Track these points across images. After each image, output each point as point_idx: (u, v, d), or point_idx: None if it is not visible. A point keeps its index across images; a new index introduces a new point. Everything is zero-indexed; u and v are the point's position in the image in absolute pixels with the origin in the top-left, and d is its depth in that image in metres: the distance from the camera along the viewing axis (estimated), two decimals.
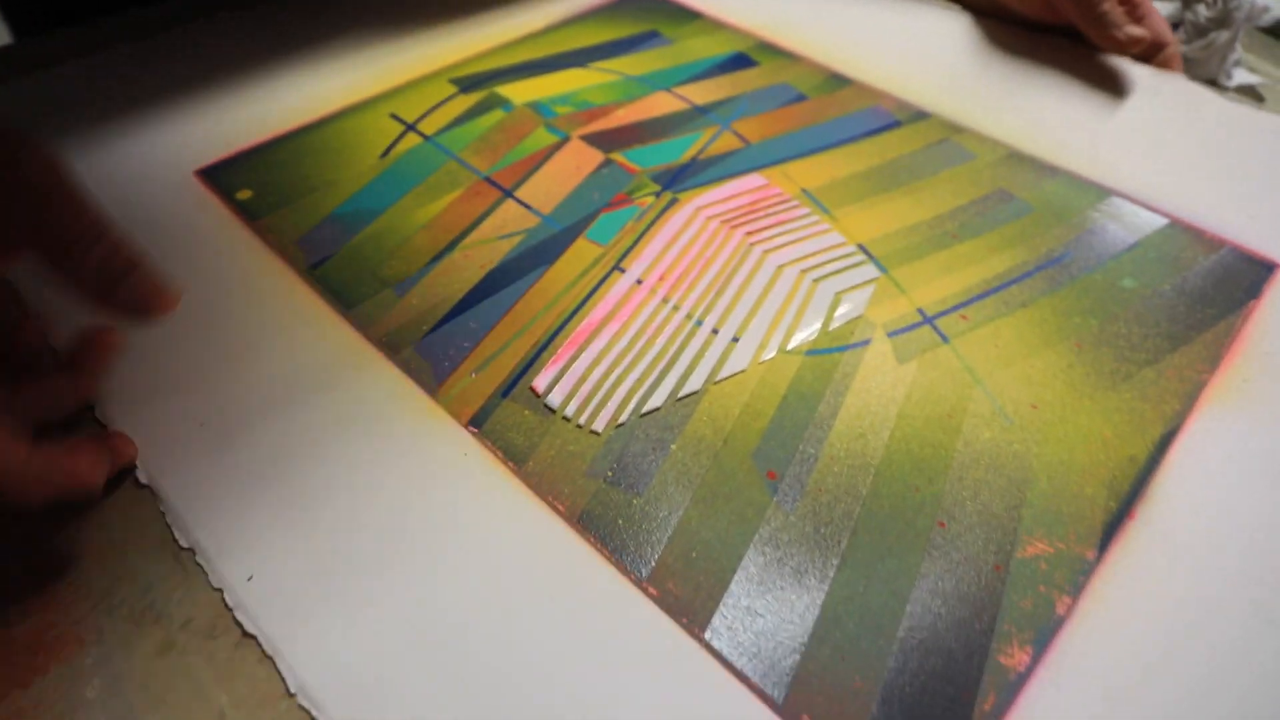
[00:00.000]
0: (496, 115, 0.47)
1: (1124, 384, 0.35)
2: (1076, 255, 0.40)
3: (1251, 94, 0.52)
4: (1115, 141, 0.47)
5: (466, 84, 0.49)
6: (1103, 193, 0.44)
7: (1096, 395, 0.34)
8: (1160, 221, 0.42)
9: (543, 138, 0.45)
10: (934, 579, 0.28)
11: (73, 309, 0.29)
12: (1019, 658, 0.26)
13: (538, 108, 0.47)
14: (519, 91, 0.49)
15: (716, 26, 0.55)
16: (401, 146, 0.45)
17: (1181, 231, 0.41)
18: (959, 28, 0.55)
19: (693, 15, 0.56)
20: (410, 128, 0.46)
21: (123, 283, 0.28)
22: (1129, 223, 0.42)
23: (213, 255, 0.39)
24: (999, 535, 0.29)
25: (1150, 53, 0.51)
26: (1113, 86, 0.50)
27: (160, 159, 0.44)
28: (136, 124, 0.47)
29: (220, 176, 0.43)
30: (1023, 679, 0.26)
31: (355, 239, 0.40)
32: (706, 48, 0.53)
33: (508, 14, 0.56)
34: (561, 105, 0.48)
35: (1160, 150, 0.46)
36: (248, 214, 0.41)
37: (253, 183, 0.43)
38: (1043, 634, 0.27)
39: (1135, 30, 0.49)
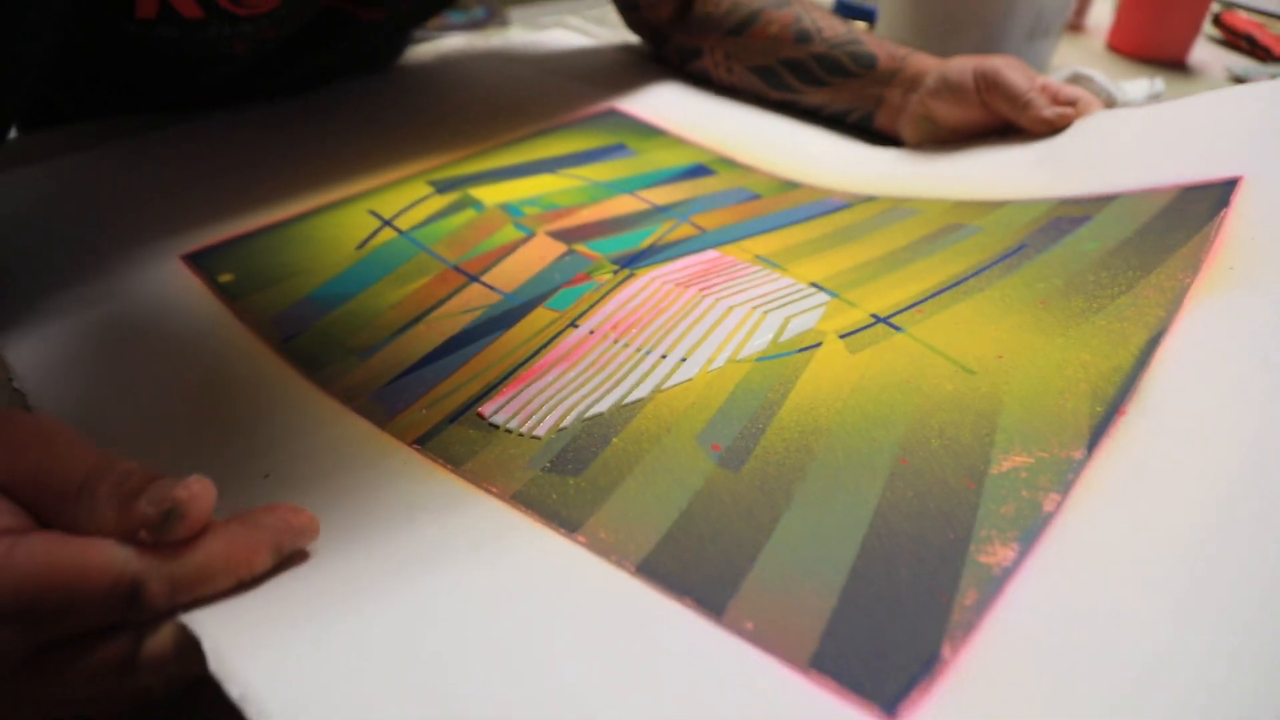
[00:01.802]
0: (469, 214, 0.50)
1: (1098, 315, 0.35)
2: (1033, 243, 0.42)
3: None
4: (1051, 165, 0.50)
5: (442, 185, 0.53)
6: (1050, 203, 0.46)
7: (1069, 331, 0.34)
8: (1111, 197, 0.44)
9: (510, 233, 0.48)
10: (897, 505, 0.27)
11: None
12: (1002, 554, 0.25)
13: (507, 208, 0.51)
14: (491, 193, 0.52)
15: (678, 142, 0.60)
16: (377, 240, 0.48)
17: (1134, 196, 0.43)
18: (900, 149, 0.60)
19: (657, 131, 0.61)
20: (387, 223, 0.49)
21: (144, 498, 0.24)
22: (1081, 208, 0.44)
23: (192, 330, 0.41)
24: (970, 459, 0.29)
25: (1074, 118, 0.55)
26: (1043, 140, 0.54)
27: (149, 244, 0.47)
28: (129, 213, 0.50)
29: (205, 261, 0.46)
30: (1008, 573, 0.24)
31: (327, 318, 0.42)
32: (668, 159, 0.57)
33: (485, 125, 0.60)
34: (530, 206, 0.51)
35: (1094, 153, 0.49)
36: (228, 295, 0.43)
37: (235, 267, 0.45)
38: (1030, 532, 0.26)
39: (1059, 109, 0.54)
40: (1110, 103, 0.60)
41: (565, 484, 0.30)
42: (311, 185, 0.53)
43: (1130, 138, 0.50)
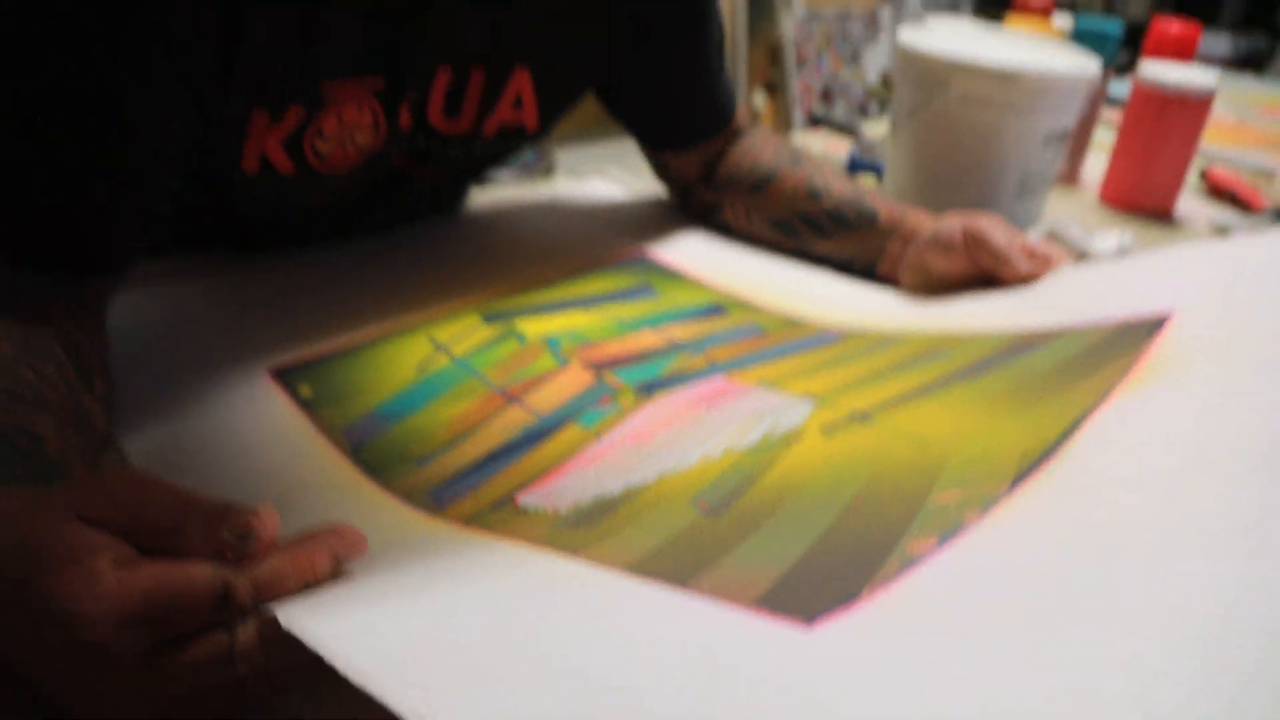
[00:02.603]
0: (513, 344, 0.58)
1: (1038, 405, 0.42)
2: (994, 362, 0.50)
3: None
4: (1018, 306, 0.59)
5: (491, 316, 0.61)
6: (1013, 336, 0.54)
7: (1014, 411, 0.42)
8: (1065, 330, 0.52)
9: (548, 362, 0.56)
10: (846, 525, 0.35)
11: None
12: (924, 545, 0.33)
13: (547, 340, 0.59)
14: (533, 326, 0.60)
15: (696, 284, 0.68)
16: (435, 364, 0.56)
17: (1083, 329, 0.51)
18: (896, 292, 0.68)
19: (679, 275, 0.70)
20: (443, 349, 0.58)
21: (224, 526, 0.31)
22: (1038, 339, 0.52)
23: (275, 434, 0.49)
24: (912, 497, 0.36)
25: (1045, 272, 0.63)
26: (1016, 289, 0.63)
27: (242, 359, 0.56)
28: (226, 332, 0.59)
29: (288, 376, 0.54)
30: (924, 556, 0.32)
31: (391, 430, 0.50)
32: (687, 299, 0.66)
33: (531, 265, 0.69)
34: (566, 339, 0.59)
35: (1055, 299, 0.57)
36: (307, 407, 0.52)
37: (314, 383, 0.54)
38: (947, 534, 0.33)
39: (1033, 264, 0.62)
40: (1083, 254, 0.67)
41: (576, 532, 0.39)
42: (379, 313, 0.61)
43: (1086, 286, 0.58)
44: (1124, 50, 2.81)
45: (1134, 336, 0.48)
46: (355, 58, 0.54)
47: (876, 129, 0.98)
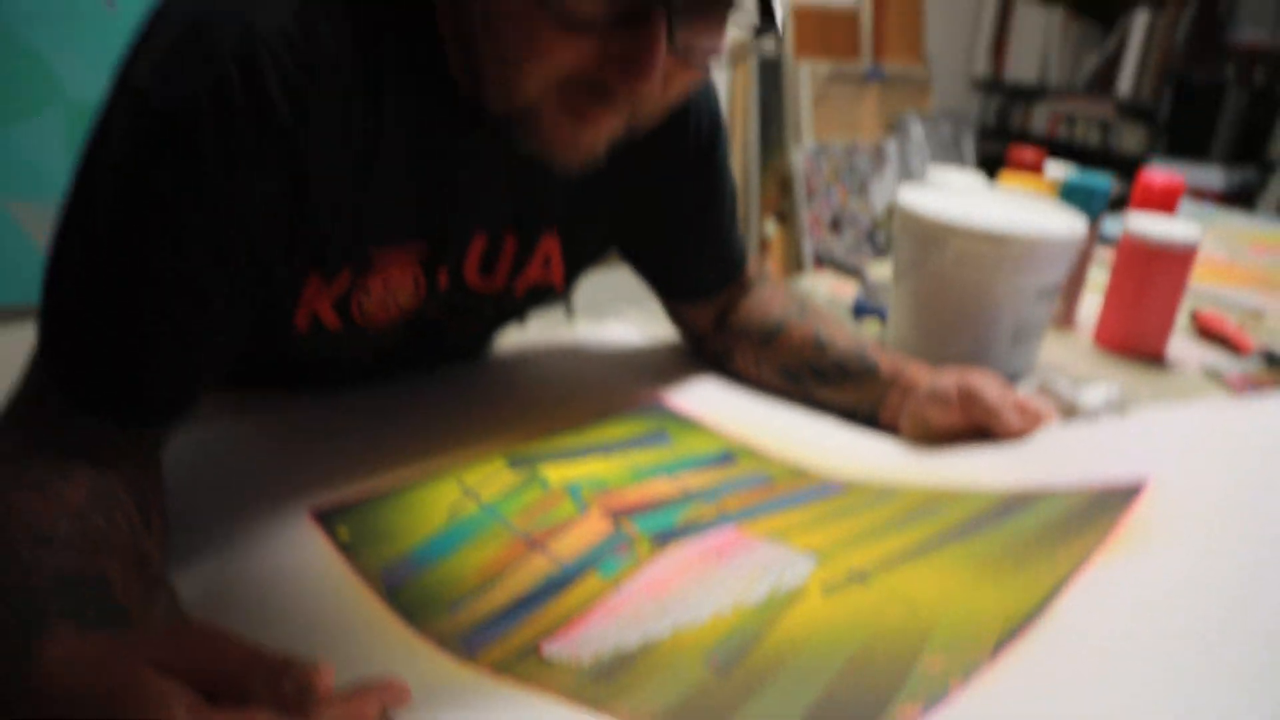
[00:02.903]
0: (536, 491, 0.62)
1: (1020, 572, 0.46)
2: (983, 522, 0.53)
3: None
4: (1008, 465, 0.62)
5: (516, 461, 0.65)
6: (1002, 495, 0.57)
7: (999, 579, 0.45)
8: (1049, 491, 0.55)
9: (569, 509, 0.60)
10: (841, 688, 0.38)
11: None
12: (910, 712, 0.35)
13: (568, 487, 0.63)
14: (555, 472, 0.65)
15: (709, 432, 0.72)
16: (464, 509, 0.60)
17: (1066, 493, 0.55)
18: (895, 442, 0.72)
19: (692, 422, 0.74)
20: (470, 495, 0.62)
21: (286, 679, 0.35)
22: (1024, 500, 0.55)
23: (314, 579, 0.53)
24: (901, 662, 0.39)
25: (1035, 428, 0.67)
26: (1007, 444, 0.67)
27: (283, 499, 0.60)
28: (270, 471, 0.63)
29: (328, 518, 0.58)
30: None
31: (424, 574, 0.54)
32: (700, 446, 0.70)
33: (552, 410, 0.74)
34: (587, 486, 0.63)
35: (1043, 458, 0.61)
36: (345, 549, 0.55)
37: (351, 526, 0.58)
38: (932, 700, 0.36)
39: (1024, 420, 0.67)
40: (1071, 408, 0.72)
41: (599, 686, 0.42)
42: (412, 456, 0.66)
43: (1071, 448, 0.62)
44: (1118, 180, 2.92)
45: (1113, 502, 0.52)
46: (401, 226, 0.60)
47: (882, 270, 1.04)
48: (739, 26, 0.51)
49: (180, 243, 0.50)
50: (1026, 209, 0.88)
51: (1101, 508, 0.52)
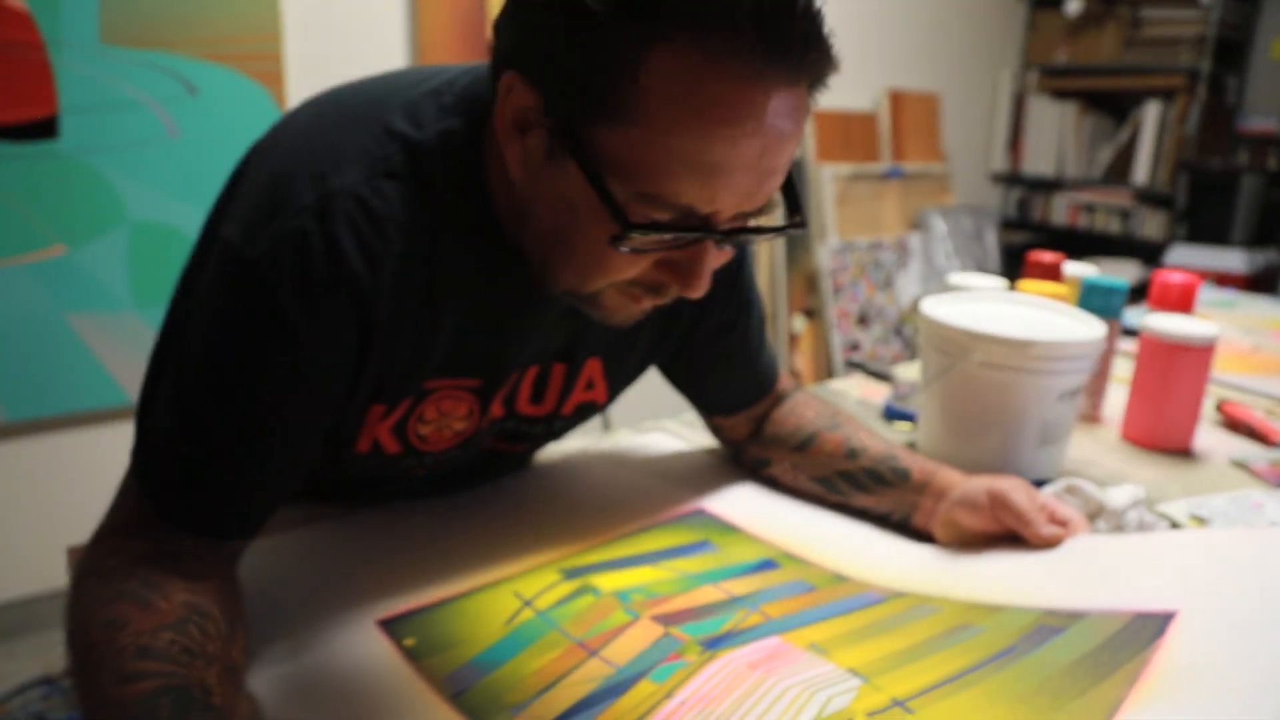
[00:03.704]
0: (588, 599, 0.66)
1: (1058, 713, 0.48)
2: (1020, 647, 0.55)
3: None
4: (1043, 578, 0.65)
5: (568, 573, 0.69)
6: (1037, 613, 0.60)
7: (1034, 717, 0.47)
8: (1081, 615, 0.57)
9: (620, 616, 0.64)
10: None
11: None
12: None
13: (618, 595, 0.66)
14: (605, 581, 0.68)
15: (751, 539, 0.76)
16: (520, 617, 0.64)
17: (1099, 616, 0.57)
18: (930, 546, 0.75)
19: (734, 529, 0.77)
20: (527, 604, 0.65)
21: None
22: (1059, 619, 0.57)
23: (385, 684, 0.57)
24: None
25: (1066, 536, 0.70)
26: (1039, 551, 0.69)
27: (351, 608, 0.64)
28: (336, 581, 0.67)
29: (393, 626, 0.62)
30: None
31: (486, 679, 0.57)
32: (743, 554, 0.73)
33: (598, 521, 0.77)
34: (636, 594, 0.67)
35: (1074, 573, 0.64)
36: (412, 656, 0.59)
37: (416, 634, 0.61)
38: None
39: (1054, 529, 0.69)
40: (1099, 509, 0.75)
41: None
42: (470, 567, 0.70)
43: (1102, 564, 0.65)
44: (1142, 265, 2.94)
45: (1142, 635, 0.55)
46: (458, 364, 0.65)
47: (910, 373, 1.08)
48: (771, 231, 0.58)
49: (262, 382, 0.56)
50: (1047, 315, 0.92)
51: (1132, 639, 0.55)
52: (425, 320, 0.62)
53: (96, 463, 1.82)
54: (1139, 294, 1.49)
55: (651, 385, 0.84)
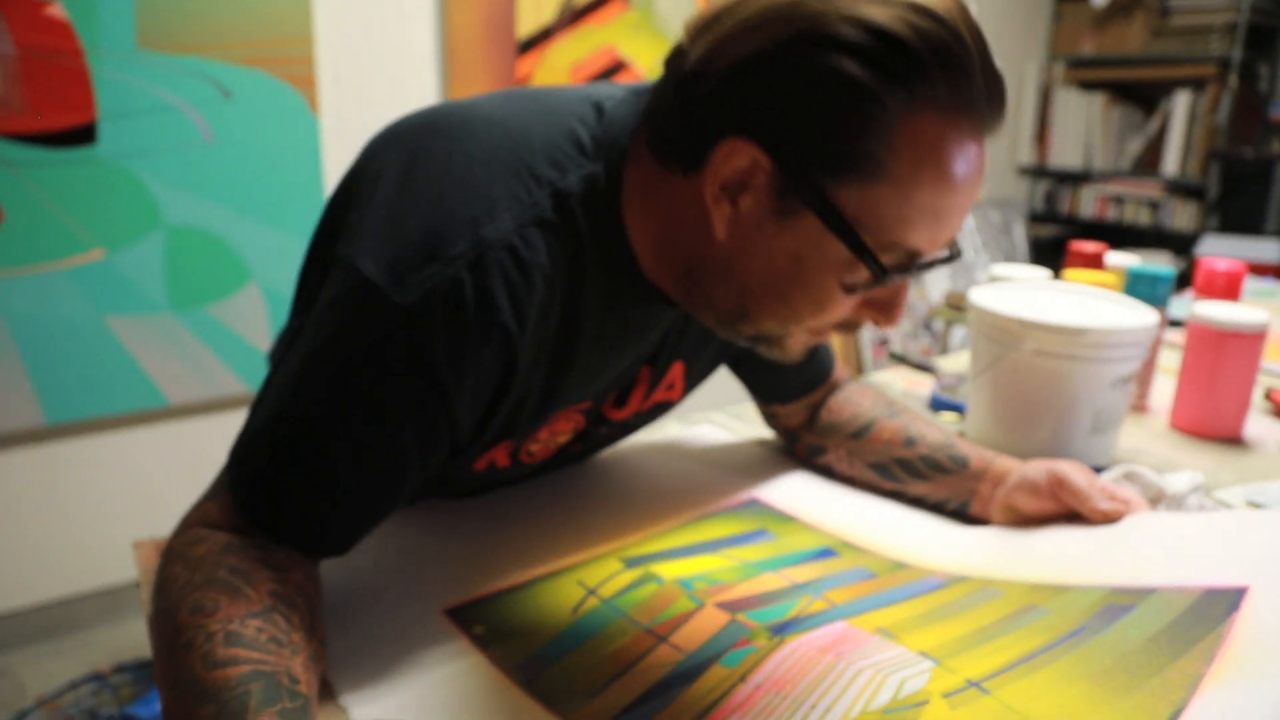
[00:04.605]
0: (652, 587, 0.66)
1: (1135, 692, 0.47)
2: (1090, 626, 0.55)
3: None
4: (1105, 556, 0.64)
5: (631, 561, 0.70)
6: (1104, 591, 0.60)
7: (1113, 703, 0.47)
8: (1150, 592, 0.57)
9: (685, 604, 0.64)
10: None
11: None
12: None
13: (681, 583, 0.67)
14: (667, 570, 0.68)
15: (808, 528, 0.76)
16: (586, 605, 0.64)
17: (1169, 592, 0.56)
18: (989, 529, 0.75)
19: (790, 518, 0.78)
20: (592, 592, 0.66)
21: None
22: (1128, 597, 0.57)
23: (459, 671, 0.57)
24: None
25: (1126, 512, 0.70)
26: (1100, 528, 0.69)
27: (419, 598, 0.65)
28: (401, 571, 0.68)
29: (461, 615, 0.63)
30: None
31: (558, 665, 0.57)
32: (801, 543, 0.73)
33: (657, 511, 0.78)
34: (699, 581, 0.67)
35: (1138, 550, 0.64)
36: (481, 643, 0.60)
37: (485, 621, 0.62)
38: None
39: (1114, 504, 0.69)
40: (1159, 495, 0.74)
41: None
42: (534, 557, 0.70)
43: (1167, 541, 0.65)
44: (1174, 258, 2.92)
45: (1216, 609, 0.55)
46: (579, 394, 0.67)
47: (953, 364, 1.07)
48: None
49: (394, 430, 0.56)
50: (1097, 302, 0.92)
51: (1205, 615, 0.54)
52: (561, 364, 0.63)
53: (137, 464, 1.84)
54: (1176, 285, 1.48)
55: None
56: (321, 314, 0.57)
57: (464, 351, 0.55)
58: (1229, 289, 1.16)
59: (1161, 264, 2.73)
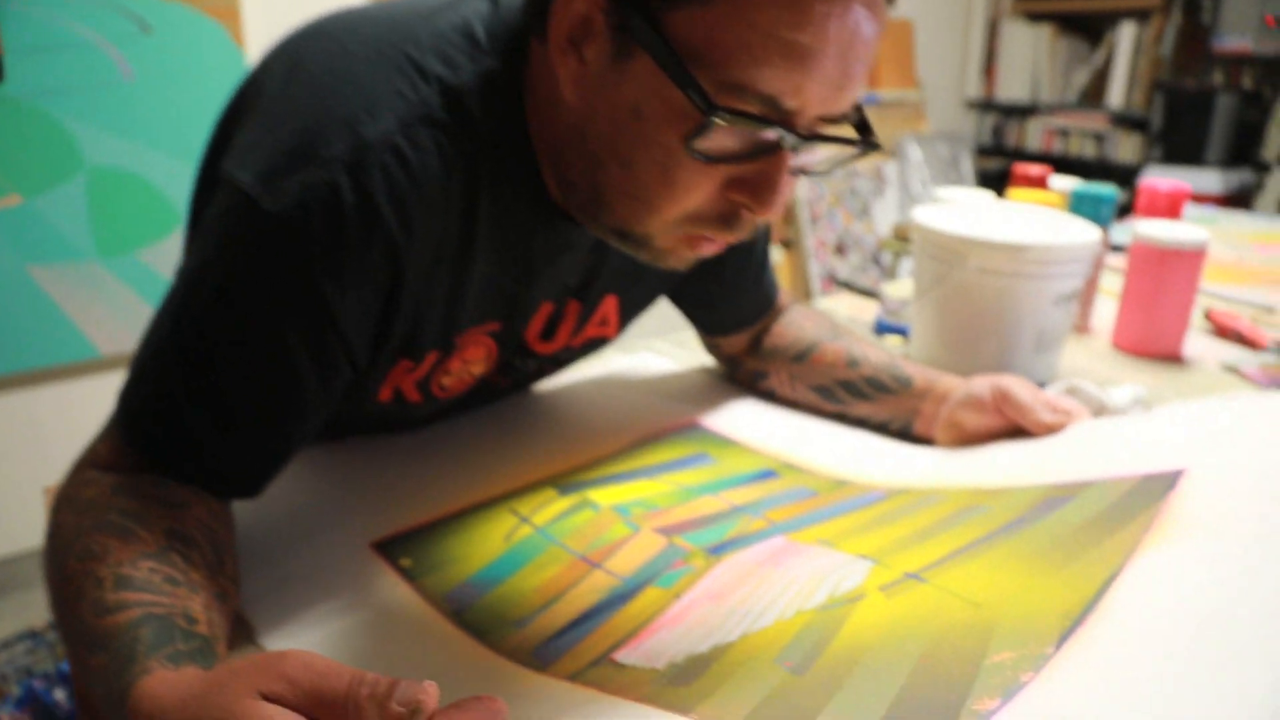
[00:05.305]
0: (588, 514, 0.64)
1: (1074, 563, 0.47)
2: (1030, 517, 0.54)
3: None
4: (1046, 460, 0.64)
5: (566, 488, 0.67)
6: (1043, 488, 0.59)
7: (1051, 575, 0.47)
8: (1089, 483, 0.57)
9: (621, 529, 0.62)
10: (916, 684, 0.40)
11: None
12: (988, 704, 0.37)
13: (617, 508, 0.65)
14: (604, 496, 0.66)
15: (749, 451, 0.74)
16: (519, 534, 0.62)
17: (1108, 482, 0.56)
18: (933, 448, 0.74)
19: (731, 442, 0.76)
20: (525, 520, 0.63)
21: (394, 700, 0.35)
22: (1067, 490, 0.57)
23: (383, 605, 0.55)
24: (971, 656, 0.41)
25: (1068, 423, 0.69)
26: (1043, 439, 0.69)
27: (344, 532, 0.62)
28: (327, 507, 0.65)
29: (388, 548, 0.60)
30: (991, 713, 0.37)
31: (488, 595, 0.55)
32: (742, 466, 0.72)
33: (594, 438, 0.76)
34: (636, 507, 0.65)
35: (1078, 452, 0.63)
36: (408, 576, 0.57)
37: (412, 554, 0.60)
38: (1009, 692, 0.38)
39: (1057, 416, 0.69)
40: (1100, 408, 0.74)
41: (678, 690, 0.44)
42: (463, 488, 0.68)
43: (1106, 440, 0.64)
44: (1120, 190, 2.96)
45: (1153, 490, 0.54)
46: (481, 310, 0.63)
47: (898, 290, 1.06)
48: (847, 146, 0.53)
49: (279, 342, 0.52)
50: (1040, 220, 0.91)
51: (1143, 496, 0.54)
52: (457, 276, 0.59)
53: (71, 418, 1.78)
54: (1117, 214, 1.48)
55: None
56: (201, 234, 0.53)
57: (344, 260, 0.51)
58: (1171, 208, 1.16)
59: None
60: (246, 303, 0.51)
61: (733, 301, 0.81)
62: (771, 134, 0.49)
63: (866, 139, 0.53)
